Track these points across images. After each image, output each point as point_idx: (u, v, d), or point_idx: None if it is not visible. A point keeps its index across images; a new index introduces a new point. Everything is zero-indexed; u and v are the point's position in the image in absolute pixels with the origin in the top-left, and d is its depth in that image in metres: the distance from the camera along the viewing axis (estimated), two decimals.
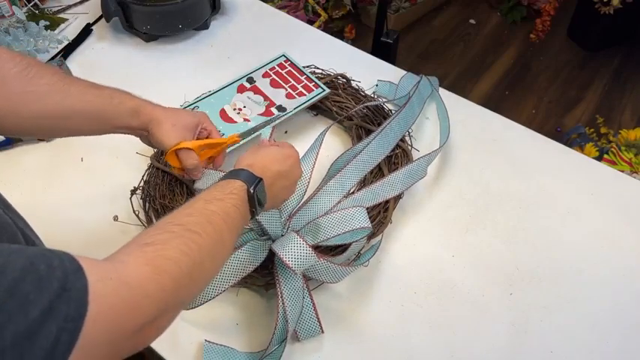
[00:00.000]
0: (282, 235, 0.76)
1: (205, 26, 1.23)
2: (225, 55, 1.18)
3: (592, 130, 1.99)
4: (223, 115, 0.97)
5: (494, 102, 2.21)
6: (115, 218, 0.88)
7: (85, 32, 1.20)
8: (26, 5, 1.20)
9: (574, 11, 2.41)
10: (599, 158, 1.70)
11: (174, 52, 1.18)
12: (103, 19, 1.22)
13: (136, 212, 0.87)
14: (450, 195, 0.93)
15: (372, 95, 1.06)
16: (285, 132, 1.02)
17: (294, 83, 1.02)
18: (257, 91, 1.01)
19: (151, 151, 0.92)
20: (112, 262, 0.46)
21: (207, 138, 0.79)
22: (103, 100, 0.69)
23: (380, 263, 0.85)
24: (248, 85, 1.02)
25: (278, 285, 0.73)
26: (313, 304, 0.76)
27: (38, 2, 1.22)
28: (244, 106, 0.98)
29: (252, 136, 0.94)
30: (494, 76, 2.35)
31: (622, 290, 0.84)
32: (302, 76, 1.03)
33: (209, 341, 0.75)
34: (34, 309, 0.36)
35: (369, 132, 0.96)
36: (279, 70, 1.05)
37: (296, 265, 0.69)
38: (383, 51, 1.49)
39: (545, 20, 2.13)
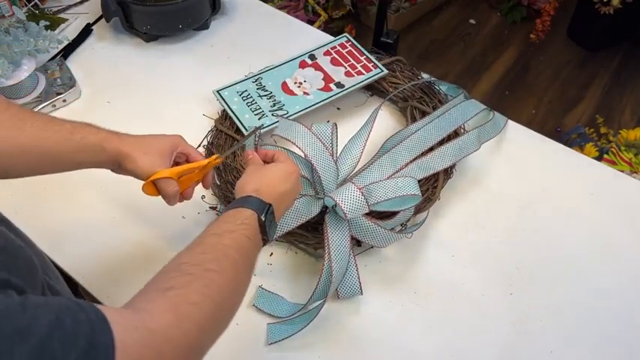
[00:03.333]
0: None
1: (205, 26, 1.23)
2: (225, 55, 1.18)
3: (592, 130, 1.99)
4: (285, 87, 1.04)
5: (494, 102, 2.21)
6: None
7: (85, 32, 1.20)
8: (26, 5, 1.20)
9: (574, 11, 2.41)
10: (599, 158, 1.70)
11: (175, 52, 1.18)
12: (103, 19, 1.22)
13: None
14: (450, 195, 0.93)
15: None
16: (339, 109, 1.06)
17: (354, 62, 1.07)
18: (318, 67, 1.06)
19: (216, 114, 1.01)
20: (135, 311, 0.45)
21: (185, 162, 0.74)
22: (62, 135, 0.64)
23: (424, 238, 0.88)
24: (310, 62, 1.08)
25: (327, 243, 0.77)
26: (356, 265, 0.80)
27: (38, 2, 1.22)
28: (305, 81, 1.04)
29: (310, 109, 1.00)
30: (495, 76, 2.35)
31: (622, 290, 0.84)
32: (362, 56, 1.09)
33: (263, 288, 0.81)
34: None
35: (423, 114, 0.99)
36: (340, 50, 1.11)
37: (349, 210, 0.74)
38: (383, 51, 1.49)
39: (545, 20, 2.13)
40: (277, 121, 0.96)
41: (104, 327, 0.39)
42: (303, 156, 0.81)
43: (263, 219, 0.60)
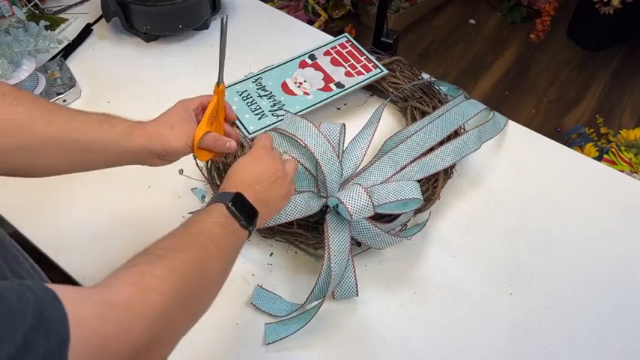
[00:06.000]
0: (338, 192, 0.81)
1: (205, 26, 1.23)
2: (225, 55, 1.18)
3: (592, 130, 1.99)
4: (285, 87, 1.04)
5: (494, 102, 2.21)
6: (181, 171, 0.92)
7: (85, 32, 1.20)
8: (26, 5, 1.20)
9: (574, 11, 2.41)
10: (599, 158, 1.70)
11: (175, 52, 1.18)
12: (103, 19, 1.22)
13: (200, 168, 0.92)
14: (450, 195, 0.93)
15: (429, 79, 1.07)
16: (339, 109, 1.07)
17: (354, 62, 1.08)
18: (318, 67, 1.07)
19: None
20: (97, 288, 0.44)
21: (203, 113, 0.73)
22: (90, 126, 0.62)
23: (424, 238, 0.88)
24: (310, 62, 1.08)
25: (327, 243, 0.77)
26: (353, 266, 0.80)
27: (38, 2, 1.22)
28: (305, 81, 1.04)
29: (310, 109, 1.00)
30: (494, 76, 2.35)
31: (622, 290, 0.84)
32: (362, 56, 1.09)
33: (261, 286, 0.81)
34: (8, 346, 0.34)
35: (423, 114, 0.99)
36: (340, 50, 1.11)
37: (355, 211, 0.74)
38: (383, 51, 1.49)
39: (545, 20, 2.13)
40: (277, 121, 0.97)
41: (54, 304, 0.37)
42: (309, 151, 0.81)
43: (230, 206, 0.59)
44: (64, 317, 0.37)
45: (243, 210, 0.60)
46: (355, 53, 1.09)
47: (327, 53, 1.10)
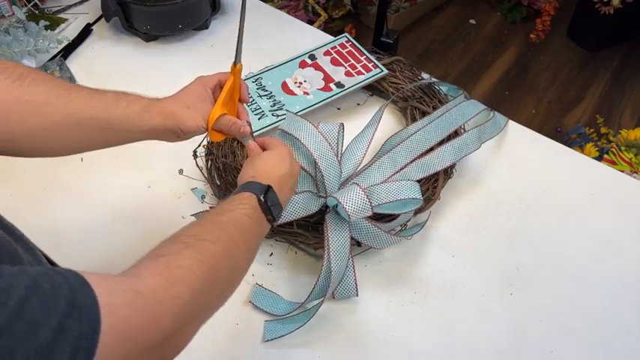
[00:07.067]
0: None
1: (205, 26, 1.23)
2: (225, 55, 1.18)
3: (592, 130, 1.99)
4: (285, 87, 1.04)
5: (494, 102, 2.21)
6: (180, 171, 0.92)
7: (85, 32, 1.20)
8: (26, 5, 1.20)
9: (574, 11, 2.41)
10: (599, 158, 1.70)
11: (175, 52, 1.18)
12: (103, 19, 1.22)
13: (200, 168, 0.92)
14: (450, 195, 0.93)
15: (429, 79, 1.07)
16: (339, 109, 1.07)
17: (354, 62, 1.08)
18: (318, 67, 1.07)
19: None
20: (124, 276, 0.45)
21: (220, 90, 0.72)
22: (107, 103, 0.62)
23: (424, 238, 0.88)
24: (309, 62, 1.08)
25: (327, 243, 0.77)
26: (353, 267, 0.80)
27: (38, 2, 1.22)
28: (305, 80, 1.04)
29: (310, 109, 1.00)
30: (494, 76, 2.35)
31: (622, 290, 0.84)
32: (362, 56, 1.09)
33: (259, 285, 0.81)
34: (44, 330, 0.35)
35: (423, 114, 0.99)
36: (340, 50, 1.11)
37: (352, 212, 0.74)
38: (383, 51, 1.49)
39: (545, 20, 2.14)
40: (277, 121, 0.97)
41: (85, 289, 0.38)
42: (307, 151, 0.81)
43: (262, 199, 0.60)
44: (95, 302, 0.38)
45: (273, 205, 0.61)
46: (355, 53, 1.09)
47: (327, 53, 1.10)
